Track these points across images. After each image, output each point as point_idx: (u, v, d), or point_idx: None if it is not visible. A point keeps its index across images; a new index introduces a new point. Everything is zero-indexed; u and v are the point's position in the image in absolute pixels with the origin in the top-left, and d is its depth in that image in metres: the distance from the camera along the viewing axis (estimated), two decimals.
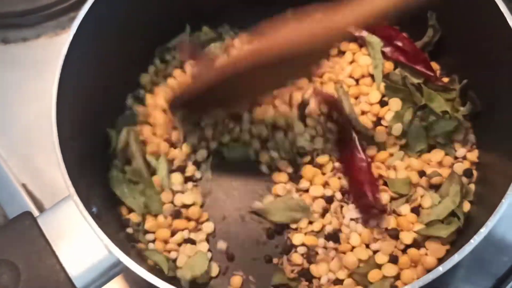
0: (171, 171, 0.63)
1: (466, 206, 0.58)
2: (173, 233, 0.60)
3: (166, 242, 0.60)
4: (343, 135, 0.63)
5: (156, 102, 0.66)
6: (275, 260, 0.60)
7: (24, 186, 0.69)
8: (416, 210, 0.59)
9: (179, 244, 0.60)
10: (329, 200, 0.61)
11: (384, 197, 0.60)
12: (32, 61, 0.77)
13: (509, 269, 0.62)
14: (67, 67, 0.53)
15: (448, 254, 0.53)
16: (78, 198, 0.48)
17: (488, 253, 0.62)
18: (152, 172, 0.63)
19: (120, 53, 0.62)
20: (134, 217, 0.60)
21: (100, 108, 0.61)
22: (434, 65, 0.66)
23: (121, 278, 0.62)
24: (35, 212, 0.66)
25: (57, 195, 0.53)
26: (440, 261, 0.55)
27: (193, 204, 0.62)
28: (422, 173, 0.61)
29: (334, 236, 0.59)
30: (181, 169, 0.64)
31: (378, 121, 0.65)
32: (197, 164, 0.65)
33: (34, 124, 0.72)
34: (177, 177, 0.63)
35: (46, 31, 0.79)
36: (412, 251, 0.56)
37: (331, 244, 0.59)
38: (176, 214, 0.61)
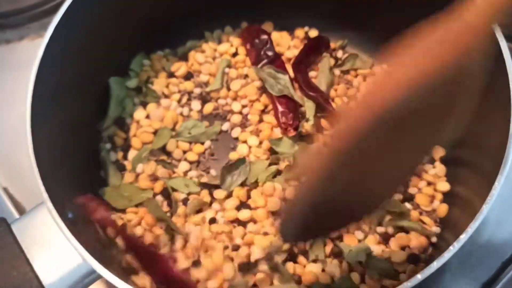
0: None
1: (443, 209, 0.58)
2: None
3: None
4: None
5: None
6: None
7: (5, 190, 0.68)
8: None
9: None
10: None
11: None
12: (14, 64, 0.76)
13: (495, 273, 0.62)
14: (44, 69, 0.53)
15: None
16: (52, 204, 0.47)
17: (474, 256, 0.62)
18: None
19: (99, 57, 0.61)
20: None
21: (79, 111, 0.60)
22: None
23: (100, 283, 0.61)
24: (17, 216, 0.65)
25: (39, 199, 0.51)
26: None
27: None
28: None
29: None
30: None
31: None
32: None
33: (15, 127, 0.70)
34: None
35: (29, 33, 0.79)
36: None
37: None
38: None
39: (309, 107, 0.65)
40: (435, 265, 0.43)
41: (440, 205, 0.61)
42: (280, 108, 0.65)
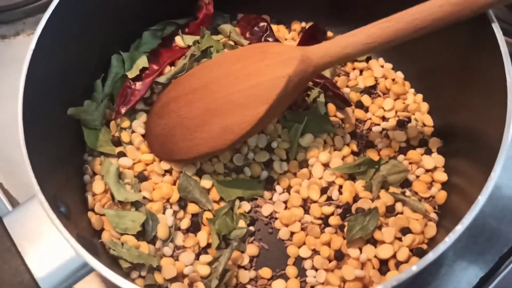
0: None
1: (442, 196, 0.59)
2: None
3: None
4: None
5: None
6: None
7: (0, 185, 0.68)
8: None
9: None
10: None
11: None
12: (10, 59, 0.76)
13: (493, 267, 0.61)
14: (36, 63, 0.52)
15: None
16: (43, 197, 0.47)
17: (472, 250, 0.62)
18: None
19: (91, 50, 0.61)
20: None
21: (72, 104, 0.60)
22: None
23: (94, 276, 0.61)
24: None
25: (32, 193, 0.51)
26: None
27: None
28: None
29: None
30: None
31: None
32: None
33: (10, 122, 0.70)
34: None
35: (24, 29, 0.78)
36: None
37: None
38: None
39: (320, 101, 0.65)
40: (431, 256, 0.43)
41: (438, 192, 0.60)
42: None
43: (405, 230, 0.58)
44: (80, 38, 0.59)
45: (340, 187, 0.61)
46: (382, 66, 0.70)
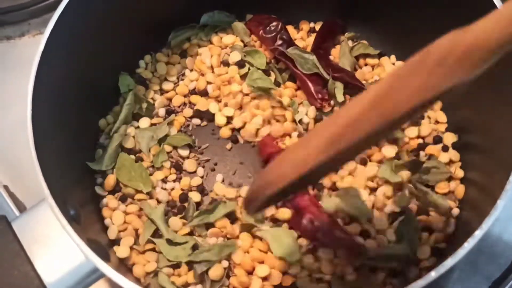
0: None
1: (460, 191, 0.58)
2: None
3: None
4: None
5: None
6: None
7: (5, 188, 0.67)
8: None
9: None
10: None
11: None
12: (15, 61, 0.75)
13: (505, 271, 0.60)
14: (45, 65, 0.51)
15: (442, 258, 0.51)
16: (53, 201, 0.46)
17: (484, 254, 0.61)
18: None
19: (102, 51, 0.60)
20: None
21: (81, 107, 0.59)
22: None
23: (105, 281, 0.60)
24: (17, 214, 0.64)
25: (40, 197, 0.50)
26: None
27: None
28: None
29: None
30: None
31: None
32: None
33: (17, 124, 0.69)
34: None
35: (30, 29, 0.78)
36: None
37: None
38: None
39: (338, 87, 0.65)
40: (450, 262, 0.42)
41: (457, 187, 0.59)
42: (312, 86, 0.65)
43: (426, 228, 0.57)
44: (93, 39, 0.58)
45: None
46: (393, 64, 0.69)
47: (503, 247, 0.61)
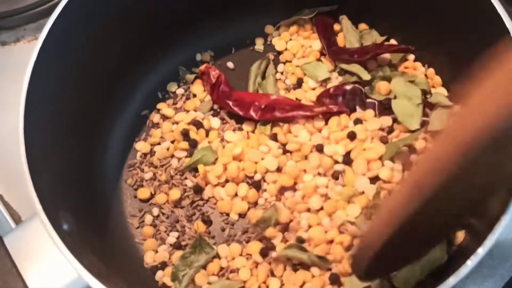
0: None
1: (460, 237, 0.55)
2: None
3: None
4: None
5: None
6: None
7: (0, 197, 0.66)
8: None
9: None
10: None
11: None
12: (10, 66, 0.75)
13: None
14: (39, 71, 0.51)
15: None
16: (46, 217, 0.45)
17: (495, 255, 0.60)
18: None
19: (97, 59, 0.59)
20: None
21: (75, 116, 0.58)
22: None
23: None
24: (12, 225, 0.63)
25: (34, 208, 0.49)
26: None
27: None
28: None
29: None
30: None
31: None
32: None
33: (11, 132, 0.68)
34: None
35: (25, 35, 0.77)
36: None
37: None
38: None
39: (360, 70, 0.65)
40: (452, 281, 0.41)
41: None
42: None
43: None
44: (89, 45, 0.57)
45: None
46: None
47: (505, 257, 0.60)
